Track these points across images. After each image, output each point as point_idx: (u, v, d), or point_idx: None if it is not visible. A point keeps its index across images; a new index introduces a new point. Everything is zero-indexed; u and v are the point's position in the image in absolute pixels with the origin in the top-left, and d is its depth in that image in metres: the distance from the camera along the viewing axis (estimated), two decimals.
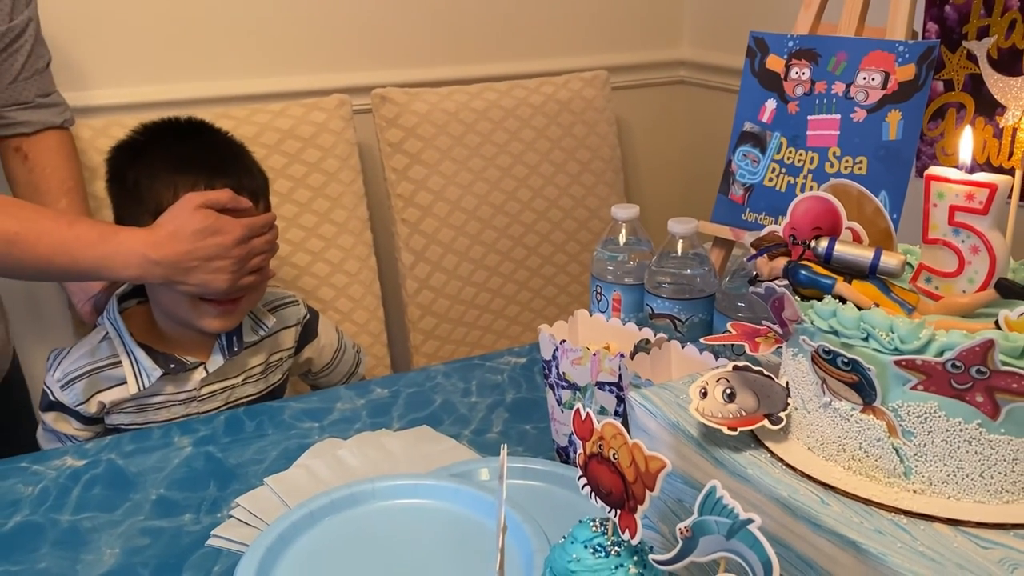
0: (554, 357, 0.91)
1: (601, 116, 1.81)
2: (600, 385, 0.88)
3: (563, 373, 0.91)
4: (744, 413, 0.61)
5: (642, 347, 0.87)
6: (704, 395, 0.62)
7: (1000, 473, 0.53)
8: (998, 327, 0.53)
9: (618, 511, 0.58)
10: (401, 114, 1.61)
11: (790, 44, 1.04)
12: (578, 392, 0.90)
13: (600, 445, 0.59)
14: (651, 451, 0.55)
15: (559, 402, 0.92)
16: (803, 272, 0.60)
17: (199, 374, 1.15)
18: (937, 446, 0.54)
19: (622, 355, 0.86)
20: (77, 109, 1.41)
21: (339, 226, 1.56)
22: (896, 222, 0.92)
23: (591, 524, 0.61)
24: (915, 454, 0.54)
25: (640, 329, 0.92)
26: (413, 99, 1.63)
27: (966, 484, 0.54)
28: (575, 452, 0.84)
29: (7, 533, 0.86)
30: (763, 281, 0.62)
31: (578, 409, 0.61)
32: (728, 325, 0.69)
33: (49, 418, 1.14)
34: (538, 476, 0.91)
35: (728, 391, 0.62)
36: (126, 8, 1.48)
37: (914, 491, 0.55)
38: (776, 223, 1.00)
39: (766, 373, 0.63)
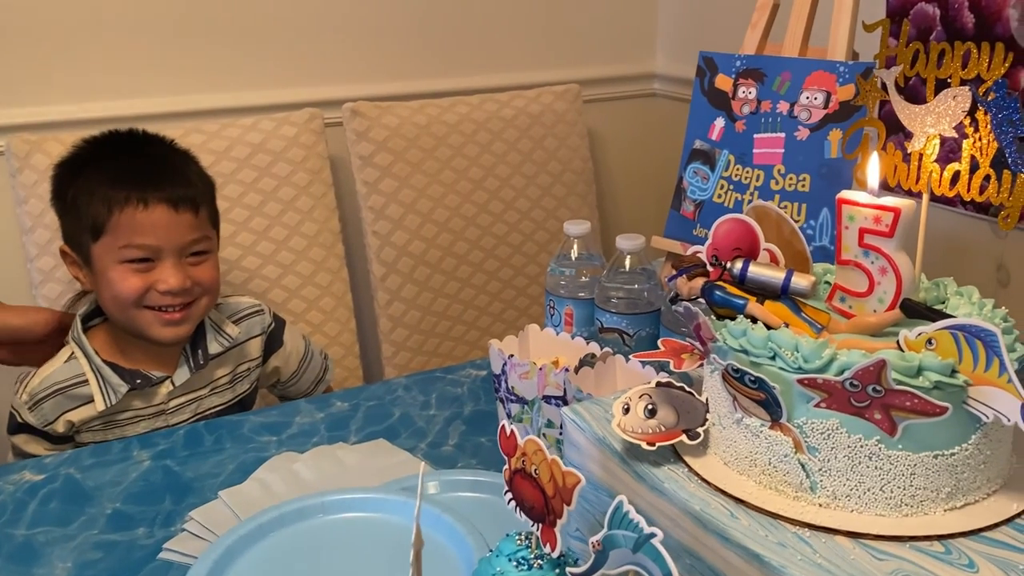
0: (503, 371, 0.93)
1: (572, 129, 1.83)
2: (547, 399, 0.90)
3: (512, 387, 0.92)
4: (664, 428, 0.63)
5: (587, 361, 0.89)
6: (627, 411, 0.64)
7: (899, 488, 0.55)
8: (900, 347, 0.55)
9: (540, 525, 0.60)
10: (372, 127, 1.63)
11: (737, 64, 1.06)
12: (526, 406, 0.92)
13: (523, 461, 0.61)
14: (569, 467, 0.57)
15: (508, 416, 0.94)
16: (718, 292, 0.62)
17: (166, 388, 1.16)
18: (840, 461, 0.56)
19: (567, 369, 0.88)
20: (45, 124, 1.43)
21: (310, 239, 1.58)
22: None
23: (516, 538, 0.63)
24: (820, 469, 0.56)
25: (588, 343, 0.94)
26: (384, 112, 1.65)
27: (867, 498, 0.56)
28: None
29: None
30: (682, 300, 0.64)
31: (503, 426, 0.62)
32: (659, 342, 0.71)
33: (19, 440, 1.15)
34: (486, 488, 0.92)
35: (650, 407, 0.64)
36: (101, 23, 1.50)
37: (819, 505, 0.57)
38: None
39: (687, 389, 0.65)
